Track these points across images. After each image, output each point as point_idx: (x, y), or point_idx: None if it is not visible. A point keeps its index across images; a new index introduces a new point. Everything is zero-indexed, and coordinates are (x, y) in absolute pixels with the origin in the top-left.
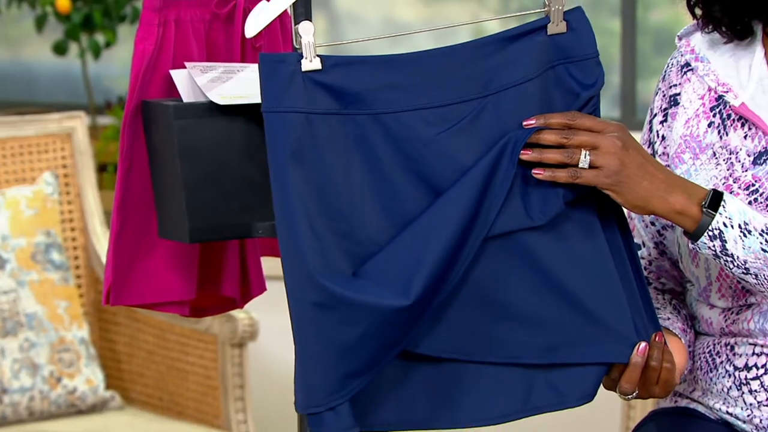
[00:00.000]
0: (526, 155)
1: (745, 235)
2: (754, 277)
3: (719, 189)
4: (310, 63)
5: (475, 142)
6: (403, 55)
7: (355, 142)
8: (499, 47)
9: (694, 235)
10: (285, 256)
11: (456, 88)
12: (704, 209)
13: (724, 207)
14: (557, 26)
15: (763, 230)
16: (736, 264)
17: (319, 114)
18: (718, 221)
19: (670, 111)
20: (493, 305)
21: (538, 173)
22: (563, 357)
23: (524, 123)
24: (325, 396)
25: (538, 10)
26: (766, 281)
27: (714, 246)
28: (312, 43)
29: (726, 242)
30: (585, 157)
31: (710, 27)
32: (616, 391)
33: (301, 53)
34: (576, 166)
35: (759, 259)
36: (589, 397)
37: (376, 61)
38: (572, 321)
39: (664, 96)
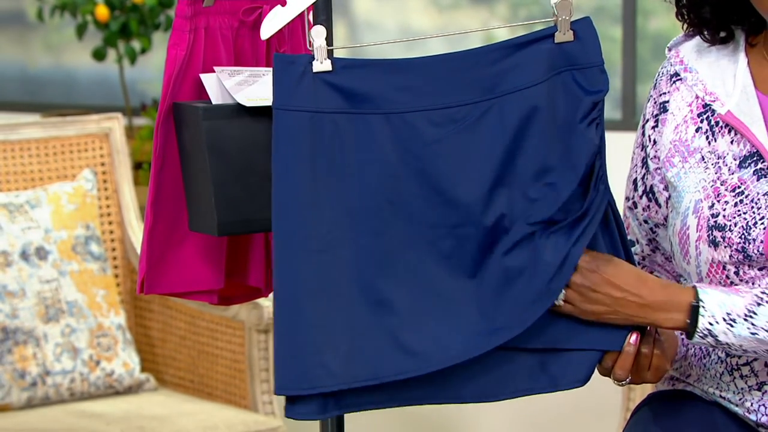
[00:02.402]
0: None
1: (731, 326)
2: (753, 353)
3: (696, 285)
4: (321, 64)
5: (478, 143)
6: (413, 59)
7: (362, 140)
8: (506, 53)
9: (688, 335)
10: (278, 245)
11: (463, 91)
12: (689, 324)
13: (704, 308)
14: (564, 35)
15: (746, 315)
16: (734, 348)
17: (327, 113)
18: (702, 323)
19: (660, 117)
20: None
21: None
22: (559, 343)
23: None
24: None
25: (547, 20)
26: (766, 353)
27: (708, 341)
28: (323, 46)
29: (717, 336)
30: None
31: (693, 30)
32: (610, 377)
33: (314, 55)
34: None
35: (752, 341)
36: (580, 381)
37: (385, 64)
38: None
39: (655, 103)
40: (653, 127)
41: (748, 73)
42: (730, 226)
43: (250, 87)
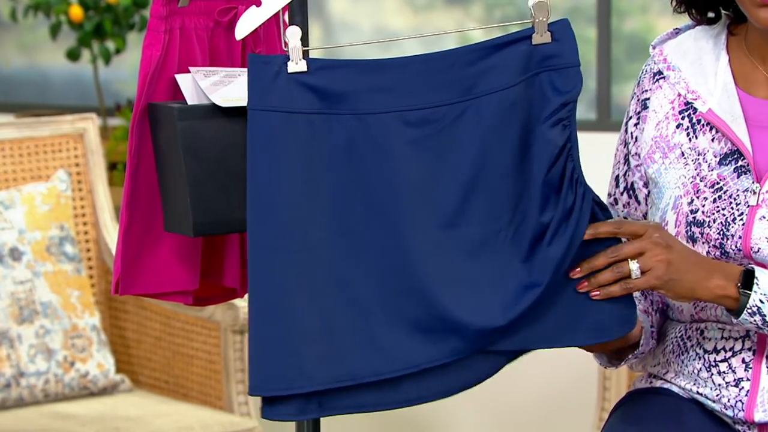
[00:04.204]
0: (576, 274)
1: None
2: None
3: (747, 266)
4: (296, 65)
5: (454, 144)
6: (389, 59)
7: (337, 140)
8: (483, 55)
9: (735, 313)
10: (253, 246)
11: (439, 92)
12: (741, 290)
13: (757, 284)
14: (542, 36)
15: None
16: None
17: (302, 113)
18: (754, 299)
19: (642, 114)
20: None
21: (596, 295)
22: (527, 344)
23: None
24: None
25: (524, 21)
26: None
27: (755, 320)
28: (298, 46)
29: (765, 316)
30: (635, 267)
31: (682, 8)
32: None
33: (289, 56)
34: (628, 277)
35: None
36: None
37: (361, 65)
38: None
39: (638, 100)
40: (635, 124)
41: (729, 71)
42: (709, 222)
43: (226, 87)
